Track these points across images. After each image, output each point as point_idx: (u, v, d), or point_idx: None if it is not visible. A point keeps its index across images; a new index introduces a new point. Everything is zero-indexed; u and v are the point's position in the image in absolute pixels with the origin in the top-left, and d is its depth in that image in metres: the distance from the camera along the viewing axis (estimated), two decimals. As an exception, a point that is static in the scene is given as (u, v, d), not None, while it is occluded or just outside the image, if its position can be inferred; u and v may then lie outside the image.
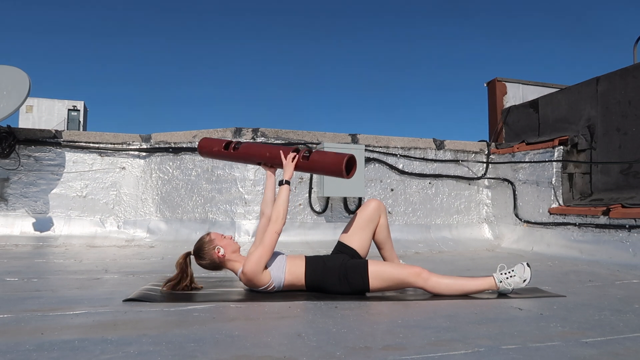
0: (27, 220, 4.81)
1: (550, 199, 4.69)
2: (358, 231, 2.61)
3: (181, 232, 4.85)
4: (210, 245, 2.43)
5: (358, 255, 2.57)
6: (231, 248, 2.44)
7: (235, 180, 4.80)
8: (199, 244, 2.46)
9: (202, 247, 2.44)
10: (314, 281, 2.41)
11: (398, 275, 2.37)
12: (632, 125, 4.34)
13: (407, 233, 5.11)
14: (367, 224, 2.64)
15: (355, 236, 2.61)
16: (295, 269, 2.42)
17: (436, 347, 1.55)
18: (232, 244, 2.46)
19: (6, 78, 4.53)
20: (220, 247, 2.42)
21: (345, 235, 2.63)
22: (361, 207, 2.71)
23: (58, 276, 2.98)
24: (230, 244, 2.45)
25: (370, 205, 2.67)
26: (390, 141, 5.26)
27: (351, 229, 2.63)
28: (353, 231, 2.63)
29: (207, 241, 2.45)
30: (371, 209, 2.66)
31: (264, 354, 1.46)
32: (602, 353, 1.50)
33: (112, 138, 5.10)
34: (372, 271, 2.36)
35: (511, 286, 2.37)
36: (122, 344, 1.54)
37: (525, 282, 2.38)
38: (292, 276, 2.41)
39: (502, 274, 2.39)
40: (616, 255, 3.71)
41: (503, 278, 2.37)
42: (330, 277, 2.39)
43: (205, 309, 2.08)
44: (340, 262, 2.42)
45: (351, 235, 2.61)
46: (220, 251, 2.41)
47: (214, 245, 2.42)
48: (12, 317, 1.88)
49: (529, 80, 6.41)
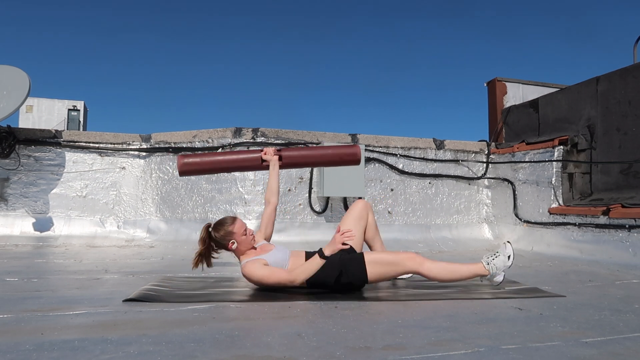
0: (27, 220, 4.80)
1: (550, 198, 4.69)
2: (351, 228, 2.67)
3: (181, 232, 4.85)
4: (229, 236, 2.46)
5: (353, 250, 2.65)
6: (246, 245, 2.49)
7: (235, 180, 4.80)
8: (222, 227, 2.48)
9: (224, 232, 2.47)
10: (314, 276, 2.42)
11: (394, 259, 2.46)
12: (632, 125, 4.34)
13: (407, 233, 5.11)
14: (358, 221, 2.80)
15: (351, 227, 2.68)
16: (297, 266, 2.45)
17: (436, 347, 1.55)
18: (249, 242, 2.50)
19: (6, 78, 4.53)
20: (236, 242, 2.46)
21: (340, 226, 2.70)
22: (350, 208, 2.89)
23: (58, 276, 2.98)
24: (247, 242, 2.49)
25: (359, 205, 2.86)
26: (390, 141, 5.26)
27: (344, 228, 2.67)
28: (348, 223, 2.76)
29: (229, 232, 2.46)
30: (360, 208, 2.84)
31: (264, 354, 1.46)
32: (602, 353, 1.50)
33: (112, 138, 5.10)
34: (368, 260, 2.45)
35: (498, 267, 2.48)
36: (122, 344, 1.54)
37: (510, 259, 2.49)
38: None
39: (487, 257, 2.53)
40: (616, 255, 3.71)
41: (489, 260, 2.50)
42: (331, 271, 2.41)
43: (205, 309, 2.08)
44: (339, 256, 2.45)
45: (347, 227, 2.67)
46: (233, 245, 2.47)
47: (232, 236, 2.46)
48: (12, 317, 1.88)
49: (529, 80, 6.40)
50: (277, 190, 2.82)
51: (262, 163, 2.91)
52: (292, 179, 4.91)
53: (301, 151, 3.08)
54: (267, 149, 2.93)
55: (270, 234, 2.80)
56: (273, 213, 2.80)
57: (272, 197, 2.80)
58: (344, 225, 2.74)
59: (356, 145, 3.10)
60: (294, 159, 3.00)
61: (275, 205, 2.81)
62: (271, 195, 2.80)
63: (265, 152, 2.91)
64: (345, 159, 3.04)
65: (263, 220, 2.78)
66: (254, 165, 2.95)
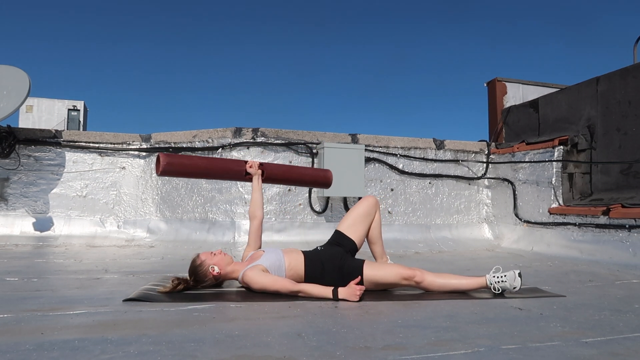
0: (27, 220, 4.80)
1: (550, 198, 4.69)
2: (357, 224, 2.70)
3: (181, 232, 4.85)
4: (203, 267, 2.42)
5: (355, 246, 2.65)
6: (224, 262, 2.45)
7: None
8: (193, 269, 2.44)
9: (197, 271, 2.42)
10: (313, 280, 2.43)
11: (392, 281, 2.43)
12: (632, 125, 4.34)
13: (407, 233, 5.11)
14: (365, 218, 2.75)
15: (353, 228, 2.69)
16: (296, 268, 2.44)
17: (436, 347, 1.55)
18: (224, 258, 2.46)
19: (6, 78, 4.53)
20: (214, 265, 2.42)
21: (343, 226, 2.71)
22: (359, 202, 2.82)
23: (58, 276, 2.98)
24: (222, 259, 2.45)
25: (369, 201, 2.79)
26: (390, 141, 5.26)
27: (350, 221, 2.72)
28: (352, 223, 2.71)
29: (199, 264, 2.42)
30: (369, 204, 2.78)
31: (264, 354, 1.46)
32: (602, 353, 1.50)
33: (112, 138, 5.10)
34: (366, 275, 2.41)
35: (498, 291, 2.42)
36: (122, 344, 1.54)
37: (514, 290, 2.40)
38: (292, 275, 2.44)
39: (494, 277, 2.44)
40: (616, 255, 3.71)
41: (494, 282, 2.42)
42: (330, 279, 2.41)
43: (205, 309, 2.08)
44: (339, 262, 2.45)
45: (350, 227, 2.69)
46: (214, 270, 2.42)
47: (207, 266, 2.42)
48: (12, 317, 1.88)
49: (529, 80, 6.41)
50: (262, 203, 2.81)
51: (245, 176, 2.90)
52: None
53: (282, 168, 3.09)
54: (252, 161, 2.91)
55: (259, 248, 2.76)
56: (260, 227, 2.77)
57: (257, 210, 2.77)
58: (349, 219, 2.72)
59: (328, 170, 3.27)
60: (275, 175, 3.01)
61: (261, 220, 2.78)
62: (256, 209, 2.78)
63: (250, 164, 2.89)
64: (320, 181, 3.23)
65: (251, 236, 2.75)
66: (237, 176, 2.93)
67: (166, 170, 2.72)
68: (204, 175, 2.90)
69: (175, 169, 2.76)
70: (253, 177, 2.88)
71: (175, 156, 2.82)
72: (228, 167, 2.92)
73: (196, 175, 2.88)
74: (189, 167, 2.78)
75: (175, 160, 2.76)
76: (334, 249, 2.58)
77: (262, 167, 2.93)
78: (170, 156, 2.75)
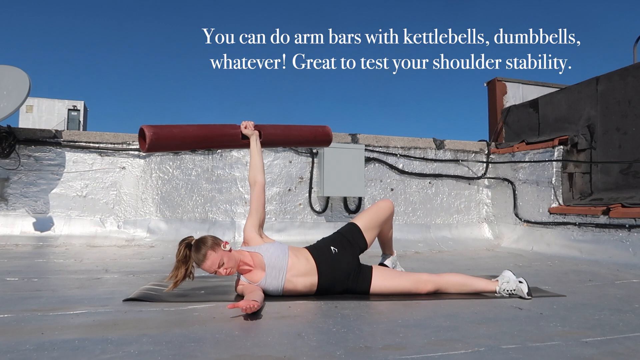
0: (27, 220, 4.80)
1: (550, 198, 4.69)
2: (374, 227, 2.62)
3: (181, 231, 4.84)
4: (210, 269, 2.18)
5: (366, 247, 2.58)
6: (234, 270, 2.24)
7: (235, 180, 4.80)
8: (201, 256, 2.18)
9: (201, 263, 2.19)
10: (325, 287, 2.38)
11: (400, 291, 2.42)
12: (632, 125, 4.34)
13: (407, 233, 5.11)
14: (382, 224, 2.66)
15: (371, 231, 2.60)
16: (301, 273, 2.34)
17: (436, 346, 1.55)
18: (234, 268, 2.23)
19: (6, 78, 4.53)
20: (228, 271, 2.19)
21: (363, 223, 2.59)
22: (381, 206, 2.66)
23: (58, 276, 2.98)
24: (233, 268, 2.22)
25: (390, 208, 2.67)
26: (390, 141, 5.26)
27: (370, 222, 2.61)
28: (371, 225, 2.60)
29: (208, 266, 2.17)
30: (389, 212, 2.66)
31: (264, 354, 1.46)
32: (602, 353, 1.50)
33: (112, 138, 5.10)
34: (374, 285, 2.40)
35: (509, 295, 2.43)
36: (122, 344, 1.54)
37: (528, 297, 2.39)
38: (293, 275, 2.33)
39: (504, 289, 2.42)
40: (616, 254, 3.71)
41: (503, 292, 2.42)
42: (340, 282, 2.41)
43: (205, 308, 2.08)
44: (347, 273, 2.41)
45: (369, 230, 2.59)
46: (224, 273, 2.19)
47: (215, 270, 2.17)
48: (12, 317, 1.89)
49: (529, 80, 6.41)
50: (262, 167, 2.59)
51: (242, 140, 2.67)
52: (292, 178, 4.91)
53: (279, 127, 2.86)
54: (246, 122, 2.68)
55: (263, 218, 2.52)
56: (262, 194, 2.53)
57: (257, 175, 2.54)
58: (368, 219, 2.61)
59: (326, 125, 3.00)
60: (273, 136, 2.79)
61: (263, 185, 2.55)
62: (256, 173, 2.55)
63: (245, 125, 2.67)
64: (320, 138, 2.97)
65: (252, 204, 2.48)
66: (233, 141, 2.68)
67: (154, 144, 2.39)
68: (197, 144, 2.63)
69: (164, 142, 2.45)
70: (250, 140, 2.67)
71: (162, 126, 2.47)
72: (222, 131, 2.65)
73: (188, 145, 2.61)
74: (179, 137, 2.49)
75: (162, 131, 2.43)
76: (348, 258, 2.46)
77: (258, 128, 2.71)
78: (156, 127, 2.42)
